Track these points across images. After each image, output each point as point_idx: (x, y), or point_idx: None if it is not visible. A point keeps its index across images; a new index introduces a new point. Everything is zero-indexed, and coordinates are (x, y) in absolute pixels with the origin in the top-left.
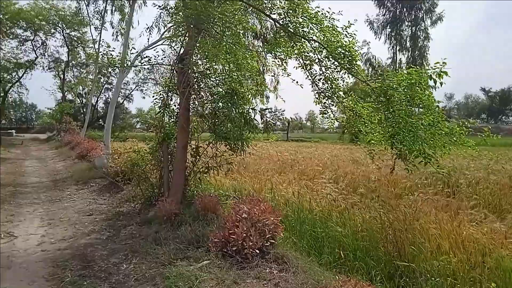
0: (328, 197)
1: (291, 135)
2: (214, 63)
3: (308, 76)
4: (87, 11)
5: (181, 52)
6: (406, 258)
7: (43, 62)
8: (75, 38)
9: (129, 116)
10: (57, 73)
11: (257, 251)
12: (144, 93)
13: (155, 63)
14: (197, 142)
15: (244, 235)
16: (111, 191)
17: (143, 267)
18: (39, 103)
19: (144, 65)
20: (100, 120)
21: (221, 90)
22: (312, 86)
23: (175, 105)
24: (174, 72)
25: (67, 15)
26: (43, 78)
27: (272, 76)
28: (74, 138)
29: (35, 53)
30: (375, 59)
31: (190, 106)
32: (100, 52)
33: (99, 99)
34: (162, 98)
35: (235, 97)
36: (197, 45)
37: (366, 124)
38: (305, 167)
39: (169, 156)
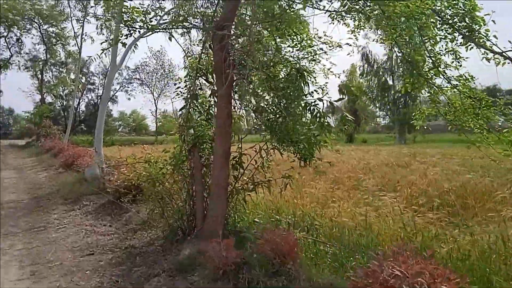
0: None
1: None
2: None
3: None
4: (68, 2)
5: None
6: None
7: (18, 61)
8: (53, 35)
9: (111, 119)
10: (34, 73)
11: None
12: (129, 94)
13: (190, 25)
14: (239, 147)
15: None
16: (112, 213)
17: None
18: (16, 107)
19: (170, 28)
20: (83, 124)
21: (282, 71)
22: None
23: (205, 97)
24: (207, 48)
25: (44, 9)
26: (20, 79)
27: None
28: (56, 144)
29: (10, 51)
30: (371, 55)
31: (234, 97)
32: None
33: (81, 101)
34: (188, 87)
35: (301, 82)
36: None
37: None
38: (340, 173)
39: (203, 169)
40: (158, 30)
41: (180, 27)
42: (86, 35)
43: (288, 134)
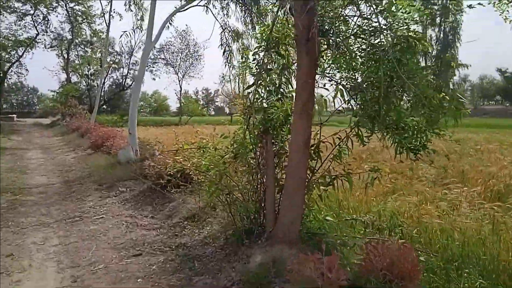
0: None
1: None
2: None
3: None
4: None
5: None
6: None
7: (44, 40)
8: (79, 13)
9: None
10: (60, 52)
11: None
12: (154, 74)
13: None
14: (318, 134)
15: None
16: (153, 202)
17: None
18: (40, 86)
19: None
20: (106, 103)
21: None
22: None
23: (276, 73)
24: (284, 13)
25: None
26: (45, 58)
27: None
28: (82, 124)
29: (36, 29)
30: None
31: (318, 71)
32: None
33: (105, 80)
34: (258, 60)
35: (411, 54)
36: None
37: None
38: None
39: (276, 158)
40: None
41: None
42: (114, 11)
43: (394, 119)
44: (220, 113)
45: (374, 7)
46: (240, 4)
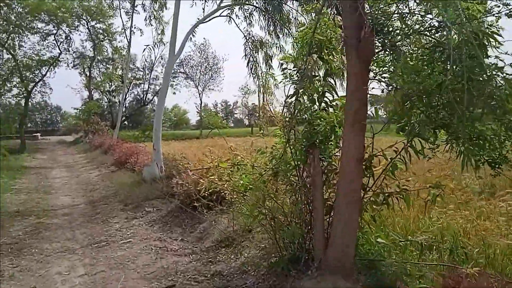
0: None
1: None
2: None
3: None
4: None
5: None
6: None
7: (67, 58)
8: (100, 31)
9: (153, 115)
10: (82, 69)
11: None
12: (174, 88)
13: None
14: (370, 147)
15: None
16: (183, 223)
17: None
18: (63, 104)
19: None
20: (128, 119)
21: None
22: None
23: (319, 80)
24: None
25: (91, 5)
26: (67, 76)
27: None
28: (106, 140)
29: (59, 48)
30: None
31: (371, 75)
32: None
33: (127, 96)
34: (299, 66)
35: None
36: None
37: None
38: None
39: (324, 175)
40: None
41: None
42: (135, 27)
43: (469, 128)
44: (240, 125)
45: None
46: (264, 13)
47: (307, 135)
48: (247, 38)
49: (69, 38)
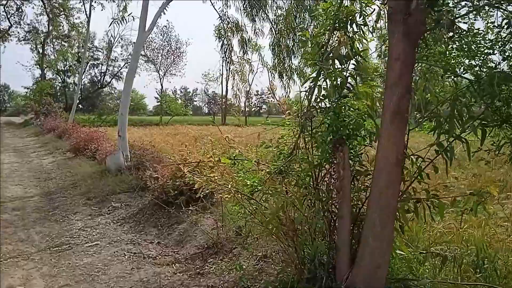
0: None
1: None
2: None
3: None
4: None
5: None
6: None
7: (18, 32)
8: (56, 5)
9: (109, 98)
10: (35, 46)
11: None
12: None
13: None
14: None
15: None
16: (158, 223)
17: None
18: (12, 83)
19: None
20: (83, 102)
21: None
22: None
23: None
24: None
25: None
26: (17, 52)
27: None
28: (60, 124)
29: (9, 21)
30: None
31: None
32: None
33: (83, 77)
34: (321, 44)
35: None
36: None
37: None
38: None
39: (353, 179)
40: None
41: None
42: (95, 1)
43: None
44: (199, 113)
45: None
46: None
47: (332, 128)
48: (223, 19)
49: (20, 10)
